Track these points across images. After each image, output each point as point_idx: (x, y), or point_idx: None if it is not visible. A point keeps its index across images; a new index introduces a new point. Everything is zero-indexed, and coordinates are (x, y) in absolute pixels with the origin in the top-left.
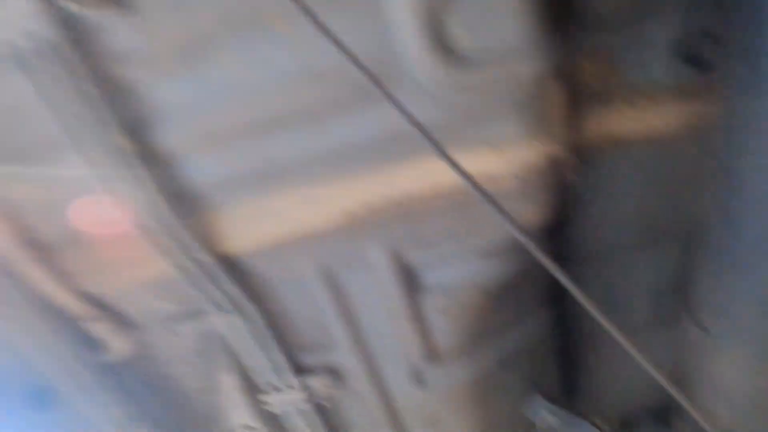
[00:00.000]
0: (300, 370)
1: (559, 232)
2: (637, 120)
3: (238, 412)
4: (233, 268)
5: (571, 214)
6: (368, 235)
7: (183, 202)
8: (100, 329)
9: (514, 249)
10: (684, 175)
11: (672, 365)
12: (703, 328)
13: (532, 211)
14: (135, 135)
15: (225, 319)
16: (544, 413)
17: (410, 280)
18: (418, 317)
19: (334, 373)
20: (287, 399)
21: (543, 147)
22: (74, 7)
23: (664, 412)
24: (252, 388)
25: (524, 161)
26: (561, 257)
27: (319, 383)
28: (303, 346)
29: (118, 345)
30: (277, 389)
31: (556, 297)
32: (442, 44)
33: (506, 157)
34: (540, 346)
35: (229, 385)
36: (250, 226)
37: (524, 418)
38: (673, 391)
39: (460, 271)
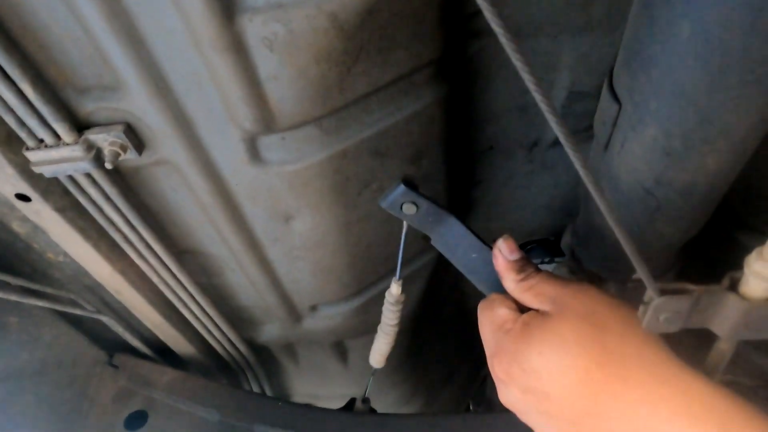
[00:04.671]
0: (75, 119)
1: None
2: None
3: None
4: None
5: None
6: None
7: None
8: None
9: None
10: None
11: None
12: (618, 100)
13: None
14: None
15: None
16: (407, 204)
17: None
18: (239, 55)
19: (129, 130)
20: (58, 156)
21: None
22: None
23: (556, 241)
24: (11, 141)
25: None
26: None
27: (105, 140)
28: (76, 85)
29: None
30: (44, 144)
31: (453, 67)
32: None
33: None
34: (423, 128)
35: None
36: None
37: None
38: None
39: None
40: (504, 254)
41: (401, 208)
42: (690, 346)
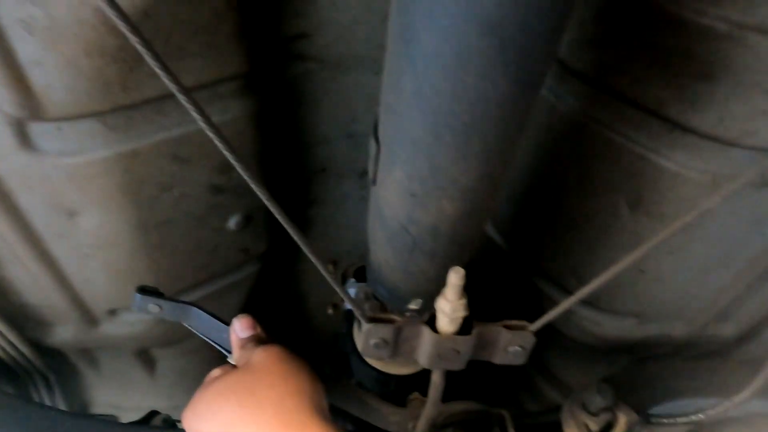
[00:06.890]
0: None
1: None
2: None
3: None
4: None
5: None
6: None
7: None
8: None
9: None
10: None
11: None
12: (378, 141)
13: None
14: None
15: None
16: (151, 305)
17: None
18: None
19: None
20: None
21: None
22: None
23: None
24: None
25: None
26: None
27: None
28: None
29: None
30: None
31: (269, 85)
32: None
33: None
34: (231, 141)
35: None
36: None
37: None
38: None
39: None
40: (237, 332)
41: (148, 309)
42: None
